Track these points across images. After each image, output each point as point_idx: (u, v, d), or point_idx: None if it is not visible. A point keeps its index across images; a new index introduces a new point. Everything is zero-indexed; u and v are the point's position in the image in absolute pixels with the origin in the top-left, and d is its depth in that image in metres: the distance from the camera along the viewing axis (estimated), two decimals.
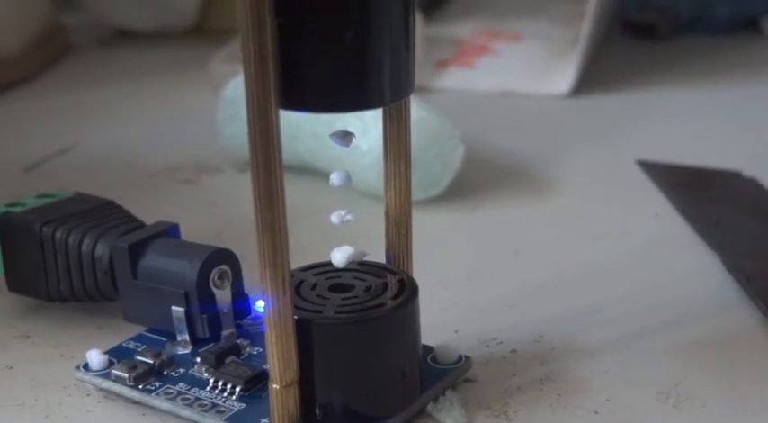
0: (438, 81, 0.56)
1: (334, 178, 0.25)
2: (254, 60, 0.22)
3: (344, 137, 0.25)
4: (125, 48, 0.65)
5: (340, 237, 0.27)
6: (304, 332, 0.25)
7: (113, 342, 0.29)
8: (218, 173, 0.44)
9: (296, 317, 0.24)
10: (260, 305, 0.30)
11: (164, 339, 0.29)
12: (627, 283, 0.33)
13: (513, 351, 0.30)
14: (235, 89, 0.43)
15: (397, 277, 0.26)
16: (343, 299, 0.25)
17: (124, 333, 0.30)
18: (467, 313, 0.32)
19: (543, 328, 0.31)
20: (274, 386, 0.24)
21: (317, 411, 0.25)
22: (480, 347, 0.30)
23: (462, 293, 0.33)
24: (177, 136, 0.49)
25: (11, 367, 0.30)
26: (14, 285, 0.32)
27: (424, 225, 0.38)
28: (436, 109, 0.40)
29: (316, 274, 0.27)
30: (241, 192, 0.42)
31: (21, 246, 0.31)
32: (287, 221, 0.23)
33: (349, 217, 0.26)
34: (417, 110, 0.39)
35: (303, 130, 0.40)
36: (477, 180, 0.42)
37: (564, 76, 0.54)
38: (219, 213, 0.40)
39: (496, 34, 0.63)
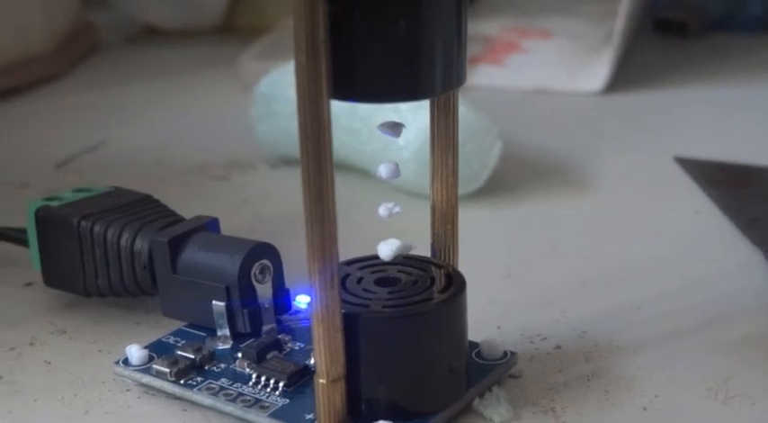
0: (469, 78, 0.55)
1: (383, 170, 0.25)
2: (307, 49, 0.22)
3: (394, 127, 0.25)
4: (153, 45, 0.65)
5: (378, 232, 0.27)
6: (351, 326, 0.24)
7: (151, 337, 0.29)
8: (250, 169, 0.44)
9: (343, 311, 0.24)
10: (301, 300, 0.30)
11: (203, 334, 0.29)
12: (668, 281, 0.33)
13: (558, 347, 0.29)
14: (269, 85, 0.43)
15: (443, 271, 0.26)
16: (389, 293, 0.25)
17: (162, 328, 0.30)
18: (508, 309, 0.31)
19: (586, 324, 0.30)
20: (321, 381, 0.24)
21: (362, 407, 0.25)
22: (524, 343, 0.29)
23: (502, 289, 0.33)
24: (208, 133, 0.49)
25: (49, 362, 0.29)
26: (51, 280, 0.32)
27: (462, 221, 0.38)
28: (473, 105, 0.39)
29: (361, 268, 0.26)
30: (274, 188, 0.42)
31: (58, 240, 0.31)
32: (336, 213, 0.23)
33: (397, 209, 0.25)
34: None
35: (338, 125, 0.39)
36: (513, 176, 0.41)
37: (597, 73, 0.53)
38: (253, 210, 0.40)
39: (526, 32, 0.63)
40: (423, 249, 0.27)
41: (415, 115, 0.38)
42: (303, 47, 0.22)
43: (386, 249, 0.25)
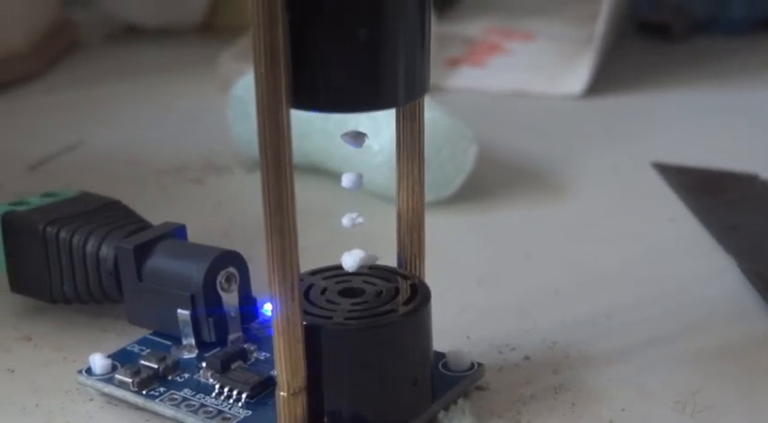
0: (449, 80, 0.55)
1: (345, 181, 0.24)
2: (266, 58, 0.21)
3: (357, 137, 0.24)
4: (133, 44, 0.64)
5: (349, 238, 0.26)
6: (313, 338, 0.24)
7: (118, 345, 0.29)
8: (226, 172, 0.43)
9: (305, 323, 0.24)
10: (268, 309, 0.29)
11: (169, 343, 0.29)
12: (641, 289, 0.32)
13: (527, 358, 0.29)
14: (244, 87, 0.42)
15: (408, 282, 0.26)
16: (353, 304, 0.25)
17: (128, 336, 0.30)
18: (478, 318, 0.31)
19: (557, 334, 0.30)
20: (281, 393, 0.24)
21: (325, 420, 0.25)
22: (493, 354, 0.29)
23: (473, 298, 0.32)
24: (185, 134, 0.48)
25: (12, 370, 0.29)
26: (17, 286, 0.31)
27: (435, 227, 0.37)
28: (449, 109, 0.39)
29: (325, 278, 0.26)
30: (250, 192, 0.41)
31: (24, 245, 0.30)
32: (296, 223, 0.23)
33: (360, 220, 0.25)
34: (429, 110, 0.38)
35: (313, 128, 0.39)
36: (489, 181, 0.41)
37: (577, 76, 0.53)
38: (227, 214, 0.39)
39: (509, 33, 0.63)
40: (393, 257, 0.27)
41: (390, 120, 0.38)
42: (262, 56, 0.21)
43: (349, 260, 0.25)
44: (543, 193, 0.41)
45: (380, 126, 0.37)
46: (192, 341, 0.28)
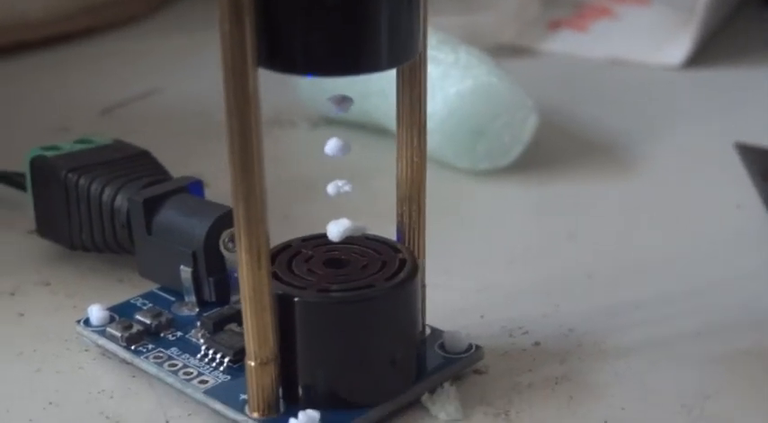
0: (545, 44, 0.53)
1: (328, 147, 0.23)
2: (230, 16, 0.20)
3: (342, 102, 0.23)
4: None
5: (386, 203, 0.26)
6: (285, 309, 0.23)
7: (127, 297, 0.29)
8: (290, 127, 0.43)
9: (279, 292, 0.23)
10: None
11: (173, 299, 0.28)
12: (683, 281, 0.30)
13: (536, 343, 0.27)
14: None
15: (399, 256, 0.24)
16: (335, 276, 0.24)
17: (140, 289, 0.29)
18: (498, 298, 0.30)
19: (576, 321, 0.28)
20: (250, 363, 0.23)
21: (299, 392, 0.24)
22: (503, 336, 0.28)
23: (499, 276, 0.31)
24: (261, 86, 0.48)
25: (22, 314, 0.29)
26: (42, 230, 0.31)
27: (482, 198, 0.36)
28: (510, 75, 0.37)
29: (315, 247, 0.25)
30: (308, 148, 0.41)
31: (48, 190, 0.31)
32: (266, 189, 0.22)
33: (347, 188, 0.24)
34: (487, 75, 0.37)
35: (371, 88, 0.38)
36: (554, 153, 0.39)
37: (680, 45, 0.50)
38: (277, 170, 0.38)
39: None
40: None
41: (443, 84, 0.36)
42: (227, 13, 0.20)
43: (334, 230, 0.24)
44: (609, 170, 0.38)
45: (434, 88, 0.36)
46: (194, 299, 0.28)
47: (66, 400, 0.25)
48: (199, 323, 0.27)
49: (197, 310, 0.28)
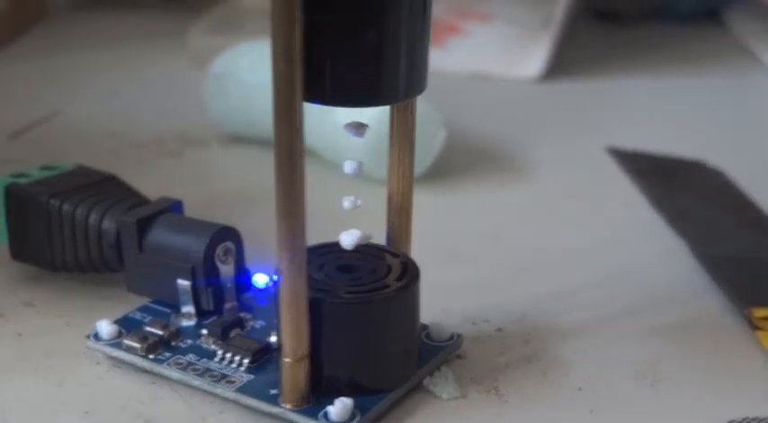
0: None
1: (348, 167, 0.27)
2: (284, 55, 0.23)
3: (359, 128, 0.26)
4: (100, 13, 0.65)
5: (337, 218, 0.28)
6: (316, 311, 0.26)
7: (117, 312, 0.31)
8: (202, 146, 0.45)
9: (313, 296, 0.26)
10: (258, 279, 0.31)
11: (168, 311, 0.31)
12: (600, 269, 0.35)
13: (499, 330, 0.31)
14: (224, 64, 0.44)
15: (399, 260, 0.28)
16: (350, 279, 0.27)
17: (126, 304, 0.31)
18: (451, 293, 0.33)
19: (525, 308, 0.32)
20: (286, 360, 0.26)
21: (323, 384, 0.27)
22: (467, 325, 0.32)
23: (445, 274, 0.35)
24: (159, 105, 0.50)
25: (20, 334, 0.31)
26: (18, 254, 0.33)
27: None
28: None
29: (321, 255, 0.28)
30: (227, 166, 0.43)
31: (27, 216, 0.32)
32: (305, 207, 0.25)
33: (359, 202, 0.27)
34: None
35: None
36: (453, 162, 0.43)
37: (534, 60, 0.56)
38: (206, 188, 0.41)
39: (467, 14, 0.65)
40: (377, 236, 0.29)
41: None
42: (281, 53, 0.23)
43: (347, 239, 0.27)
44: (505, 176, 0.43)
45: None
46: (192, 309, 0.30)
47: (101, 409, 0.27)
48: (206, 331, 0.29)
49: (195, 319, 0.30)
